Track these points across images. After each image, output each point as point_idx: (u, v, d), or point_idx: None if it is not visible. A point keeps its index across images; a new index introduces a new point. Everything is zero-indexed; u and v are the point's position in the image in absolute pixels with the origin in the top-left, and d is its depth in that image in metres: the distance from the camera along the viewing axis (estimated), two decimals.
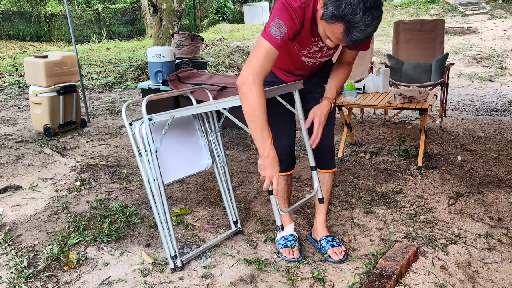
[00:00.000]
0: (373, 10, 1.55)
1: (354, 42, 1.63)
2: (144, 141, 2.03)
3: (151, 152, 2.04)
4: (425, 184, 3.14)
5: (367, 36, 1.61)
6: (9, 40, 15.53)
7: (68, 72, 4.48)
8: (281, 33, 1.72)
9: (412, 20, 5.30)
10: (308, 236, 2.41)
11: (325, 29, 1.68)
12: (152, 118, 2.05)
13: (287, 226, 2.34)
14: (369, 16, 1.55)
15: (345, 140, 3.73)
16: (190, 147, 2.33)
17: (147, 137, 2.03)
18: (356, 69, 5.11)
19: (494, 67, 8.41)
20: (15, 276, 2.11)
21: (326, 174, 2.26)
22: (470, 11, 14.76)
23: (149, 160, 2.04)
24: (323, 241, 2.27)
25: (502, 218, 2.62)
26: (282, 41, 1.73)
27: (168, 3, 9.28)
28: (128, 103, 2.06)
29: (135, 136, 2.04)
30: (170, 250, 2.12)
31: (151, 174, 2.05)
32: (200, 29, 17.54)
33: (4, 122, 5.10)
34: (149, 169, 2.04)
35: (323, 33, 1.72)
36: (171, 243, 2.11)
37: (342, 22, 1.58)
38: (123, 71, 8.36)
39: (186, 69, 4.37)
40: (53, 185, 3.25)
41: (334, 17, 1.58)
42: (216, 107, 1.93)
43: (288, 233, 2.32)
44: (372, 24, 1.58)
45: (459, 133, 4.38)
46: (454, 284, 2.01)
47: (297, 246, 2.25)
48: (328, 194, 2.30)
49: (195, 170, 2.34)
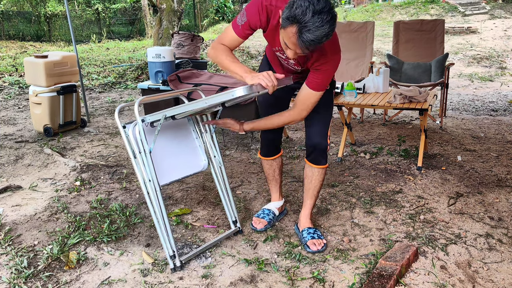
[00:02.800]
0: (323, 14, 1.66)
1: (306, 44, 1.72)
2: (138, 143, 2.05)
3: (145, 153, 2.05)
4: (425, 184, 3.14)
5: (318, 38, 1.69)
6: (9, 40, 15.53)
7: (68, 72, 4.48)
8: (242, 22, 2.00)
9: (412, 20, 5.30)
10: (295, 226, 2.52)
11: (283, 37, 1.80)
12: (145, 119, 2.08)
13: (274, 201, 2.66)
14: (318, 19, 1.66)
15: (345, 140, 3.73)
16: (185, 148, 2.35)
17: (140, 139, 2.04)
18: (356, 69, 5.11)
19: (494, 67, 8.41)
20: (15, 276, 2.11)
21: (316, 169, 2.35)
22: (470, 11, 14.76)
23: (143, 161, 2.05)
24: (304, 232, 2.39)
25: (502, 218, 2.62)
26: (242, 28, 2.00)
27: (168, 3, 9.28)
28: (120, 107, 2.07)
29: (129, 138, 2.06)
30: (168, 250, 2.12)
31: (146, 175, 2.06)
32: (200, 29, 17.55)
33: (4, 122, 5.10)
34: (144, 170, 2.05)
35: (283, 43, 1.84)
36: (169, 243, 2.12)
37: (294, 23, 1.70)
38: (123, 71, 8.36)
39: (186, 69, 4.36)
40: (53, 185, 3.25)
41: (287, 19, 1.72)
42: (205, 103, 1.93)
43: (268, 207, 2.63)
44: (323, 27, 1.67)
45: (459, 133, 4.38)
46: (454, 284, 2.01)
47: (265, 220, 2.53)
48: (315, 191, 2.41)
49: (191, 171, 2.35)
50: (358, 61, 5.13)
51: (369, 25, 5.16)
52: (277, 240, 2.41)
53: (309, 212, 2.45)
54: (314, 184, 2.38)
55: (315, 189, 2.40)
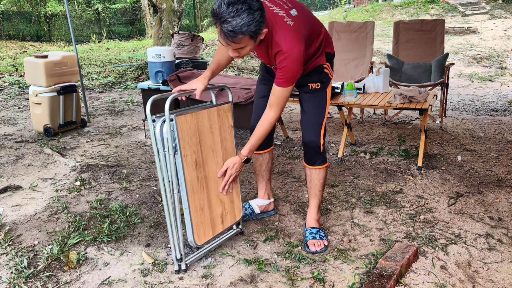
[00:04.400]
0: (237, 4, 1.77)
1: (227, 35, 1.82)
2: (163, 141, 1.98)
3: (169, 152, 1.99)
4: (425, 184, 3.14)
5: (237, 28, 1.78)
6: (9, 40, 15.53)
7: (68, 72, 4.48)
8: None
9: (412, 20, 5.31)
10: (304, 225, 2.53)
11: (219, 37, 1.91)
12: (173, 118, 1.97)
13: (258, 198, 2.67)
14: (233, 9, 1.77)
15: (345, 140, 3.73)
16: None
17: (166, 137, 1.97)
18: (356, 69, 5.11)
19: (494, 67, 8.41)
20: (15, 276, 2.11)
21: (312, 170, 2.37)
22: (470, 11, 14.77)
23: (166, 160, 2.00)
24: (307, 232, 2.40)
25: (502, 218, 2.62)
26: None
27: (168, 3, 9.28)
28: (153, 98, 1.96)
29: (156, 134, 1.97)
30: (177, 253, 2.11)
31: (166, 175, 2.01)
32: (200, 29, 17.55)
33: (4, 122, 5.10)
34: (165, 170, 2.01)
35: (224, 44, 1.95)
36: (179, 246, 2.10)
37: (215, 19, 1.82)
38: (123, 71, 8.36)
39: (186, 69, 4.37)
40: (53, 185, 3.25)
41: (212, 17, 1.85)
42: None
43: (251, 202, 2.66)
44: (239, 16, 1.77)
45: (459, 133, 4.38)
46: (454, 284, 2.01)
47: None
48: (316, 190, 2.40)
49: None
50: (358, 61, 5.13)
51: (369, 25, 5.16)
52: (277, 240, 2.41)
53: (314, 211, 2.45)
54: (314, 183, 2.39)
55: (316, 187, 2.40)
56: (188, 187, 2.05)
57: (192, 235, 2.10)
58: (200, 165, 2.13)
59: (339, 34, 5.28)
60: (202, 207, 2.15)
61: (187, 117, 2.04)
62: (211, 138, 2.20)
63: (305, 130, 2.31)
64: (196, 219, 2.11)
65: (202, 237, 2.15)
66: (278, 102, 2.13)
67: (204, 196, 2.16)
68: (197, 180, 2.11)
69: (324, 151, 2.35)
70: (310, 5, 22.88)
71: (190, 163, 2.06)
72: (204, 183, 2.15)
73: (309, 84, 2.27)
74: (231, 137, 2.34)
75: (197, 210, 2.11)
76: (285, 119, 4.88)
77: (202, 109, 2.15)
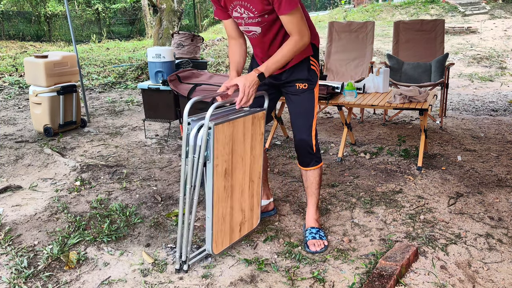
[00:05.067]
0: None
1: None
2: (195, 146, 1.94)
3: (200, 159, 1.95)
4: (425, 184, 3.14)
5: None
6: (9, 40, 15.53)
7: (68, 72, 4.49)
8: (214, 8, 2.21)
9: (412, 20, 5.30)
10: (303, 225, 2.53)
11: None
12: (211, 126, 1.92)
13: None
14: None
15: (345, 140, 3.73)
16: None
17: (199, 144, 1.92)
18: (356, 69, 5.11)
19: (494, 67, 8.41)
20: (15, 276, 2.11)
21: (307, 172, 2.38)
22: (470, 11, 14.77)
23: (194, 166, 1.97)
24: (307, 232, 2.40)
25: (502, 218, 2.62)
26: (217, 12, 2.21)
27: (168, 3, 9.28)
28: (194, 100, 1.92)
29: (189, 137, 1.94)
30: (183, 255, 2.11)
31: (189, 179, 1.99)
32: (200, 29, 17.55)
33: (4, 122, 5.10)
34: (190, 175, 1.97)
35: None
36: (186, 249, 2.11)
37: None
38: (123, 71, 8.36)
39: (186, 69, 4.37)
40: (53, 185, 3.25)
41: None
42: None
43: None
44: None
45: (459, 133, 4.38)
46: (454, 284, 2.01)
47: None
48: (313, 188, 2.40)
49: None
50: (358, 61, 5.13)
51: (369, 25, 5.16)
52: (277, 240, 2.41)
53: (313, 210, 2.45)
54: (310, 181, 2.40)
55: (312, 186, 2.40)
56: (214, 197, 2.01)
57: (211, 244, 2.09)
58: (229, 174, 2.09)
59: (339, 34, 5.28)
60: (224, 216, 2.12)
61: (224, 126, 1.98)
62: (242, 146, 2.15)
63: (296, 132, 2.32)
64: (217, 228, 2.09)
65: (219, 246, 2.14)
66: (295, 28, 2.02)
67: (228, 205, 2.13)
68: (224, 189, 2.07)
69: (317, 151, 2.35)
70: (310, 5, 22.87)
71: (220, 173, 2.02)
72: (229, 192, 2.12)
73: (296, 83, 2.25)
74: (260, 146, 2.28)
75: (219, 219, 2.09)
76: (285, 119, 4.88)
77: (239, 117, 2.08)
